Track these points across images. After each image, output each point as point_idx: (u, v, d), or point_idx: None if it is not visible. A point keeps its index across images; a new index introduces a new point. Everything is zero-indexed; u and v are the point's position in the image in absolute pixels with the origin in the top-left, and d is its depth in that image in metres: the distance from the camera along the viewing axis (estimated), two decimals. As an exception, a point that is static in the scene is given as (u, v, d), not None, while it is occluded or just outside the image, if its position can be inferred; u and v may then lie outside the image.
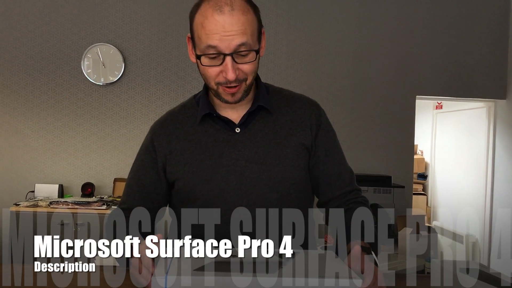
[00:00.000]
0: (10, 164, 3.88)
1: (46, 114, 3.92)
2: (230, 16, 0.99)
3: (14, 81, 3.89)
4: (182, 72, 3.98)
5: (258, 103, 1.14)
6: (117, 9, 3.97)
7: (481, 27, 4.30)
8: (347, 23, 4.18)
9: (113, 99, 3.96)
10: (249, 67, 1.04)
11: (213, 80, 1.05)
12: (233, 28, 0.99)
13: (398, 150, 4.21)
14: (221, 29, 0.99)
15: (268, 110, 1.15)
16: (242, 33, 1.00)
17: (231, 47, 1.00)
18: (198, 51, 1.04)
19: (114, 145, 3.96)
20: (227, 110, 1.15)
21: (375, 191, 3.67)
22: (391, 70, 4.22)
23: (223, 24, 0.99)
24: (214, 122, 1.15)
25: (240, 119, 1.14)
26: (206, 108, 1.14)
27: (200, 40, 1.02)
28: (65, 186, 3.87)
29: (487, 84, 4.32)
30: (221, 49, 1.00)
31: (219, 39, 0.99)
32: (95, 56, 3.92)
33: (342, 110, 4.13)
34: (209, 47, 1.00)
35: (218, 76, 1.04)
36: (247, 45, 1.01)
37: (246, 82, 1.06)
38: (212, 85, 1.07)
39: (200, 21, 1.02)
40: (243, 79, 1.05)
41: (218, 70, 1.03)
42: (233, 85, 1.04)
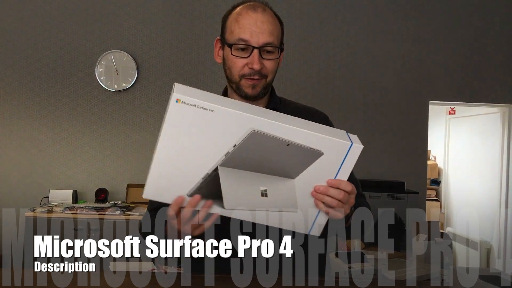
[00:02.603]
0: (25, 170, 3.93)
1: (61, 120, 3.96)
2: (262, 15, 1.14)
3: (29, 88, 3.94)
4: (194, 78, 4.00)
5: (270, 106, 1.24)
6: (130, 16, 4.01)
7: (494, 32, 4.27)
8: (359, 28, 4.17)
9: (126, 106, 3.99)
10: (272, 64, 1.16)
11: (238, 71, 1.16)
12: (264, 26, 1.13)
13: (411, 156, 4.18)
14: (254, 25, 1.13)
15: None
16: (270, 33, 1.14)
17: (260, 42, 1.13)
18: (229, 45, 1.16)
19: (127, 151, 3.98)
20: None
21: (388, 197, 3.64)
22: (404, 75, 4.20)
23: (255, 20, 1.13)
24: None
25: None
26: None
27: (232, 34, 1.15)
28: (79, 192, 3.90)
29: (501, 89, 4.28)
30: (251, 42, 1.13)
31: (250, 33, 1.12)
32: (109, 63, 3.96)
33: (354, 116, 4.12)
34: (240, 39, 1.13)
35: (244, 67, 1.15)
36: (273, 44, 1.14)
37: (267, 79, 1.18)
38: (236, 78, 1.17)
39: (234, 18, 1.16)
40: (265, 75, 1.16)
41: (245, 62, 1.14)
42: (256, 77, 1.15)
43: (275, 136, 0.89)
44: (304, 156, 0.92)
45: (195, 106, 0.85)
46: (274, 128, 0.88)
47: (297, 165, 0.94)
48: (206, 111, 0.85)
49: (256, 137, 0.88)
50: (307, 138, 0.90)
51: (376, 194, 3.55)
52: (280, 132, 0.89)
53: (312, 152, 0.92)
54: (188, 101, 0.85)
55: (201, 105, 0.85)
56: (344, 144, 0.92)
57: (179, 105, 0.85)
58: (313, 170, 0.94)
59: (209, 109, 0.85)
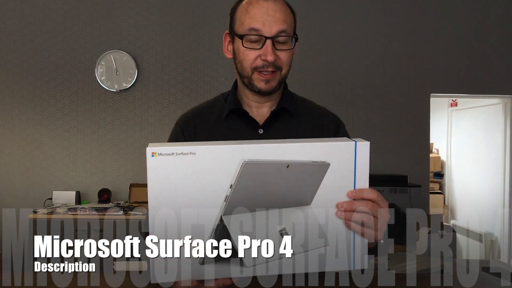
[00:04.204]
0: (28, 172, 3.94)
1: (62, 121, 3.97)
2: (274, 3, 1.07)
3: (30, 90, 3.95)
4: (194, 77, 4.00)
5: (282, 105, 1.16)
6: (129, 16, 4.00)
7: (494, 22, 4.25)
8: (360, 22, 4.16)
9: (127, 105, 4.00)
10: (286, 55, 1.08)
11: (251, 64, 1.08)
12: (276, 14, 1.05)
13: (413, 149, 4.17)
14: (265, 13, 1.05)
15: (291, 114, 1.16)
16: (283, 21, 1.06)
17: (273, 32, 1.05)
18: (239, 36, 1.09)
19: (129, 151, 3.99)
20: (252, 110, 1.17)
21: (391, 191, 3.64)
22: (405, 68, 4.18)
23: (267, 9, 1.05)
24: (239, 119, 1.16)
25: (264, 120, 1.16)
26: (234, 103, 1.16)
27: (243, 25, 1.07)
28: (82, 193, 3.91)
29: (503, 80, 4.26)
30: (263, 32, 1.05)
31: (262, 22, 1.05)
32: (109, 63, 3.96)
33: (356, 109, 4.11)
34: (251, 29, 1.06)
35: (256, 60, 1.07)
36: (287, 32, 1.07)
37: (281, 72, 1.10)
38: (248, 71, 1.09)
39: (244, 8, 1.09)
40: (279, 67, 1.08)
41: (257, 53, 1.06)
42: (270, 69, 1.07)
43: (271, 161, 0.79)
44: (310, 174, 0.82)
45: (173, 154, 0.78)
46: (266, 152, 0.79)
47: (307, 186, 0.82)
48: (187, 156, 0.78)
49: (250, 167, 0.78)
50: (306, 151, 0.81)
51: (378, 188, 3.51)
52: (274, 154, 0.79)
53: (317, 166, 0.81)
54: (164, 151, 0.78)
55: (180, 151, 0.78)
56: (348, 145, 0.82)
57: (156, 158, 0.78)
58: (328, 187, 0.82)
59: (190, 153, 0.78)
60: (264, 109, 1.17)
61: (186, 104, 3.95)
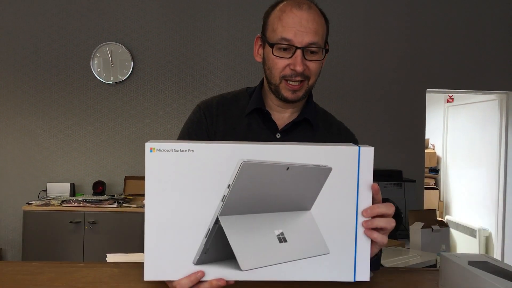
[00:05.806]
0: (23, 163, 3.93)
1: (57, 113, 3.95)
2: (307, 13, 1.06)
3: (25, 82, 3.93)
4: (190, 69, 3.98)
5: (305, 115, 1.16)
6: (125, 7, 3.98)
7: (491, 18, 4.24)
8: (355, 16, 4.15)
9: (122, 98, 3.98)
10: (315, 66, 1.08)
11: (280, 73, 1.08)
12: (308, 25, 1.04)
13: (409, 144, 4.18)
14: (298, 24, 1.04)
15: (311, 125, 1.17)
16: (315, 32, 1.05)
17: (304, 43, 1.04)
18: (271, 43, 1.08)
19: (124, 143, 3.98)
20: (274, 113, 1.17)
21: (386, 185, 3.65)
22: (401, 63, 4.18)
23: (300, 18, 1.04)
24: (260, 119, 1.16)
25: (283, 126, 1.16)
26: (257, 103, 1.16)
27: (275, 33, 1.07)
28: (77, 185, 3.90)
29: (499, 76, 4.27)
30: (294, 42, 1.04)
31: (294, 33, 1.04)
32: (104, 55, 3.94)
33: (352, 104, 4.11)
34: (282, 39, 1.05)
35: (285, 68, 1.07)
36: (317, 44, 1.05)
37: (309, 82, 1.09)
38: (276, 79, 1.09)
39: (277, 15, 1.07)
40: (307, 77, 1.08)
41: (287, 62, 1.06)
42: (298, 79, 1.07)
43: (270, 162, 0.77)
44: (310, 178, 0.79)
45: (171, 150, 0.77)
46: (266, 153, 0.77)
47: (307, 191, 0.80)
48: (186, 153, 0.77)
49: (249, 168, 0.76)
50: (308, 155, 0.78)
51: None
52: (275, 156, 0.77)
53: (318, 170, 0.79)
54: (163, 147, 0.77)
55: (178, 148, 0.77)
56: (351, 150, 0.81)
57: (154, 154, 0.77)
58: (329, 193, 0.80)
59: (188, 150, 0.77)
60: (285, 114, 1.17)
61: (182, 97, 3.93)
